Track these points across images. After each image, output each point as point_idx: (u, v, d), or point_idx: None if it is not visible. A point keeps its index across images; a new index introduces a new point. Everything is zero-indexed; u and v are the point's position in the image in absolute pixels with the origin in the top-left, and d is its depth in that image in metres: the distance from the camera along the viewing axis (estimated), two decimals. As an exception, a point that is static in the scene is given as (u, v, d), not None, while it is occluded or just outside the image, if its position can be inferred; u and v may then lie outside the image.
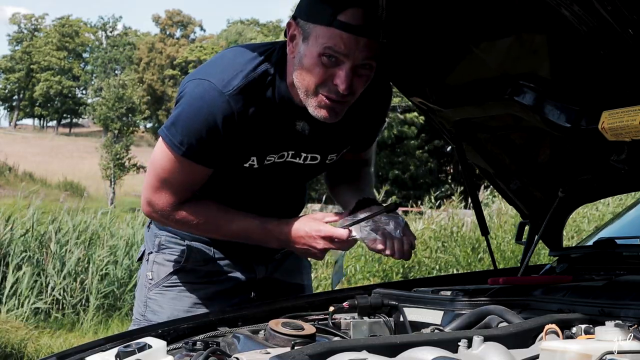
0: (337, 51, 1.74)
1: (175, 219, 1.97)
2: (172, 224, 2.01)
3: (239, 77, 1.82)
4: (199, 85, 1.83)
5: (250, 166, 1.93)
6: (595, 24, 1.41)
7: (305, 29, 1.77)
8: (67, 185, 33.68)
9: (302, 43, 1.78)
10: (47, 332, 6.47)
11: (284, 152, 1.95)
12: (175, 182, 1.92)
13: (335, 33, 1.73)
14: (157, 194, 1.95)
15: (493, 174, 2.35)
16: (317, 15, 1.75)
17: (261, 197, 2.04)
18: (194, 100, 1.83)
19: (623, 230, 2.76)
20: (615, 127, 1.54)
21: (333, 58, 1.74)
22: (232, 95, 1.81)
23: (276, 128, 1.90)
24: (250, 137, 1.88)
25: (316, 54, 1.75)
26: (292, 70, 1.83)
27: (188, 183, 1.93)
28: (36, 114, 78.78)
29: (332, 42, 1.73)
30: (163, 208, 1.95)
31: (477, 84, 1.94)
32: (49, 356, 1.64)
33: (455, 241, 9.07)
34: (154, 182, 1.95)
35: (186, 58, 69.80)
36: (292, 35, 1.82)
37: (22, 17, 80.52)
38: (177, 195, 1.93)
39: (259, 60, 1.85)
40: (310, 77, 1.78)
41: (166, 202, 1.94)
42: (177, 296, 2.08)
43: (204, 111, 1.81)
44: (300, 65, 1.79)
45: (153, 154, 1.97)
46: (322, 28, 1.74)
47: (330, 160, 2.05)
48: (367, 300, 1.83)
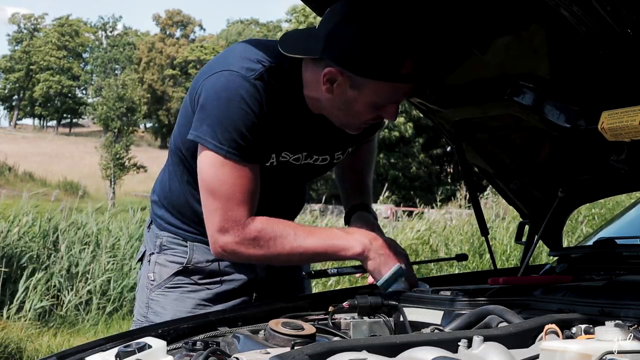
0: (396, 100, 1.81)
1: (252, 236, 1.81)
2: (249, 247, 1.83)
3: (257, 66, 1.80)
4: (220, 77, 1.79)
5: (270, 164, 1.91)
6: (594, 24, 1.41)
7: (356, 80, 1.75)
8: (67, 185, 33.67)
9: (351, 89, 1.77)
10: (47, 331, 6.47)
11: (299, 154, 1.95)
12: (236, 190, 1.80)
13: (397, 87, 1.77)
14: (225, 214, 1.80)
15: (493, 174, 2.36)
16: (375, 71, 1.73)
17: (267, 195, 2.05)
18: (220, 93, 1.77)
19: (623, 230, 2.77)
20: (614, 127, 1.54)
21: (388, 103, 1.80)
22: (255, 79, 1.78)
23: (291, 125, 1.89)
24: (272, 131, 1.85)
25: (371, 102, 1.78)
26: (318, 94, 1.82)
27: (247, 186, 1.81)
28: (36, 114, 78.84)
29: (394, 95, 1.78)
30: (236, 226, 1.80)
31: (477, 84, 1.94)
32: (49, 356, 1.63)
33: (460, 242, 9.06)
34: (217, 204, 1.80)
35: (186, 58, 69.83)
36: (333, 79, 1.77)
37: (21, 17, 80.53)
38: (244, 205, 1.80)
39: (272, 54, 1.83)
40: (360, 116, 1.84)
41: (237, 217, 1.80)
42: (179, 297, 2.08)
43: (235, 100, 1.76)
44: (346, 106, 1.81)
45: (201, 175, 1.84)
46: (382, 84, 1.75)
47: (337, 159, 2.08)
48: (367, 300, 1.83)
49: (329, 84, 1.78)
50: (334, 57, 1.74)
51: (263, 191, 2.01)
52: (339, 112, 1.84)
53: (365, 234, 1.91)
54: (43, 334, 6.36)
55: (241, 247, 1.84)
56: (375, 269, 1.88)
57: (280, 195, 2.07)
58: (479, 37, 1.83)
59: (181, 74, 70.29)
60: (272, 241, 1.83)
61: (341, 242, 1.86)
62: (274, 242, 1.83)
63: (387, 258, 1.88)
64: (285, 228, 1.84)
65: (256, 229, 1.82)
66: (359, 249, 1.86)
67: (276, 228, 1.83)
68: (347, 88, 1.77)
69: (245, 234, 1.82)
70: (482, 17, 1.77)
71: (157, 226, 2.13)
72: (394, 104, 1.82)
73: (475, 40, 1.84)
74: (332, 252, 1.88)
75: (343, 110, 1.82)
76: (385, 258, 1.87)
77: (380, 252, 1.87)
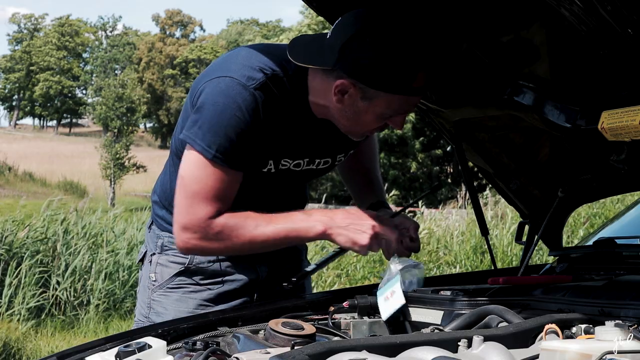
0: (406, 111, 1.84)
1: (215, 231, 1.84)
2: (212, 242, 1.86)
3: (259, 74, 1.81)
4: (220, 83, 1.80)
5: (268, 171, 1.93)
6: (595, 24, 1.41)
7: (367, 92, 1.77)
8: (67, 185, 33.67)
9: (362, 101, 1.79)
10: (47, 331, 6.47)
11: (300, 160, 1.96)
12: (208, 191, 1.82)
13: (409, 99, 1.80)
14: (191, 211, 1.83)
15: (493, 173, 2.36)
16: (387, 84, 1.75)
17: (269, 198, 2.05)
18: (217, 98, 1.79)
19: (623, 230, 2.77)
20: (614, 127, 1.54)
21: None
22: (255, 88, 1.79)
23: (292, 131, 1.90)
24: (270, 138, 1.87)
25: (381, 113, 1.81)
26: (327, 103, 1.84)
27: (222, 190, 1.83)
28: (36, 114, 78.85)
29: (405, 107, 1.81)
30: (199, 224, 1.83)
31: (477, 84, 1.94)
32: (49, 356, 1.63)
33: (460, 243, 9.06)
34: (185, 201, 1.84)
35: (186, 58, 69.84)
36: (344, 91, 1.79)
37: (21, 17, 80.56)
38: (212, 206, 1.82)
39: (276, 62, 1.84)
40: (367, 126, 1.86)
41: (202, 216, 1.82)
42: (181, 298, 2.08)
43: (230, 107, 1.78)
44: (356, 116, 1.82)
45: (180, 172, 1.87)
46: (394, 96, 1.77)
47: (339, 161, 2.09)
48: (367, 300, 1.83)
49: (340, 95, 1.80)
50: (347, 69, 1.76)
51: (264, 195, 2.02)
52: (347, 121, 1.86)
53: (325, 212, 1.91)
54: (42, 334, 6.36)
55: (204, 242, 1.87)
56: (347, 241, 1.87)
57: (281, 198, 2.08)
58: (479, 37, 1.83)
59: (181, 74, 70.30)
60: (235, 232, 1.85)
61: (302, 225, 1.87)
62: (236, 234, 1.85)
63: (355, 227, 1.85)
64: (246, 219, 1.86)
65: (219, 224, 1.84)
66: (320, 228, 1.86)
67: (238, 220, 1.85)
68: (358, 99, 1.79)
69: (208, 230, 1.84)
70: (483, 17, 1.77)
71: (158, 226, 2.13)
72: (402, 115, 1.85)
73: (476, 40, 1.84)
74: (294, 236, 1.88)
75: (352, 119, 1.85)
76: (354, 227, 1.85)
77: (344, 223, 1.86)
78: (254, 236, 1.86)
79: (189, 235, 1.86)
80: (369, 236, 1.84)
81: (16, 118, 79.35)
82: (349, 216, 1.88)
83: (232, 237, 1.86)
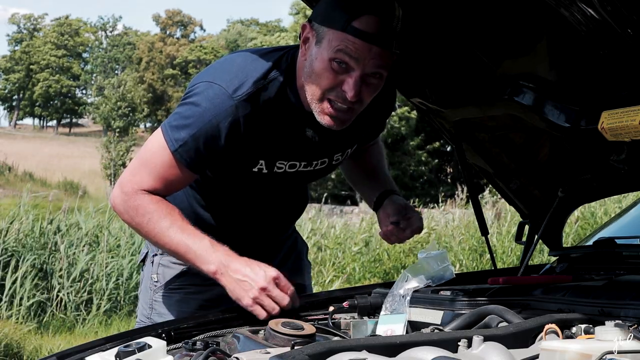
0: (348, 57, 1.73)
1: (134, 204, 1.87)
2: (127, 211, 1.88)
3: (248, 84, 1.82)
4: (209, 87, 1.83)
5: (259, 170, 1.93)
6: (594, 24, 1.41)
7: (319, 32, 1.77)
8: (67, 185, 33.67)
9: (315, 46, 1.78)
10: (47, 331, 6.47)
11: (296, 162, 1.96)
12: (157, 172, 1.86)
13: (347, 38, 1.72)
14: (134, 173, 1.89)
15: (493, 173, 2.36)
16: (332, 19, 1.75)
17: (269, 199, 2.05)
18: (202, 101, 1.82)
19: (623, 230, 2.77)
20: (614, 127, 1.54)
21: (344, 64, 1.74)
22: (240, 100, 1.81)
23: (285, 135, 1.90)
24: (257, 143, 1.87)
25: (327, 58, 1.75)
26: (302, 74, 1.83)
27: (168, 180, 1.87)
28: (36, 114, 78.80)
29: (343, 47, 1.73)
30: (130, 188, 1.87)
31: (477, 84, 1.94)
32: (49, 356, 1.64)
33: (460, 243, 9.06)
34: (135, 164, 1.91)
35: (186, 58, 69.85)
36: (305, 38, 1.81)
37: (21, 17, 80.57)
38: (151, 182, 1.86)
39: (268, 67, 1.85)
40: (320, 81, 1.78)
41: (137, 182, 1.87)
42: (183, 298, 2.08)
43: (209, 114, 1.81)
44: (310, 68, 1.79)
45: (146, 143, 1.93)
46: (335, 32, 1.74)
47: (336, 161, 2.07)
48: (367, 300, 1.84)
49: (304, 46, 1.82)
50: (311, 16, 1.82)
51: (263, 195, 2.02)
52: (307, 80, 1.81)
53: (229, 255, 1.83)
54: (43, 334, 6.35)
55: (121, 207, 1.89)
56: (232, 294, 1.81)
57: (280, 198, 2.08)
58: (479, 37, 1.83)
59: (181, 73, 70.29)
60: (147, 217, 1.86)
61: (202, 253, 1.83)
62: (148, 220, 1.86)
63: (244, 285, 1.78)
64: (165, 215, 1.85)
65: (141, 200, 1.86)
66: (212, 268, 1.82)
67: (158, 210, 1.86)
68: (313, 45, 1.79)
69: (130, 198, 1.87)
70: (483, 17, 1.77)
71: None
72: (351, 74, 1.76)
73: (476, 40, 1.84)
74: (190, 258, 1.85)
75: (308, 74, 1.81)
76: (244, 284, 1.78)
77: (237, 276, 1.80)
78: (160, 234, 1.85)
79: (118, 192, 1.90)
80: (252, 300, 1.77)
81: (16, 118, 79.32)
82: (246, 271, 1.80)
83: (144, 220, 1.86)
